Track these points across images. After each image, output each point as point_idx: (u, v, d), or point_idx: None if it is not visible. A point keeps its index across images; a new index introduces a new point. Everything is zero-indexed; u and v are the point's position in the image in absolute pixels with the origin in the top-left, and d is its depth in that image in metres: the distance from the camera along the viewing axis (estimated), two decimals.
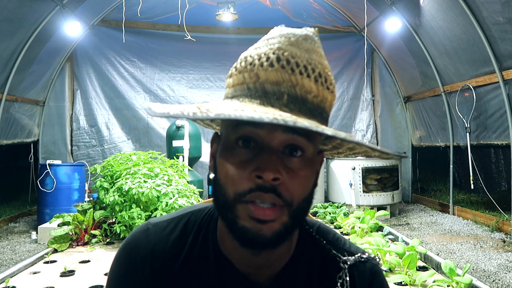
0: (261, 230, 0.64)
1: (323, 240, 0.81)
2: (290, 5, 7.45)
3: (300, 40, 0.67)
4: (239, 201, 0.64)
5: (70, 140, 7.79)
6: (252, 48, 0.70)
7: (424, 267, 4.18)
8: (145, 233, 0.80)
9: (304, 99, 0.65)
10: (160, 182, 4.90)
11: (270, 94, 0.64)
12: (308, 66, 0.66)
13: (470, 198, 7.44)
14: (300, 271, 0.77)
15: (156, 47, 8.10)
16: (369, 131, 8.40)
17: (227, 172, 0.66)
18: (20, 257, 4.58)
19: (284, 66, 0.64)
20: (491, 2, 4.75)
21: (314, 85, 0.66)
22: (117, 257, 0.83)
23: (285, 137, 0.64)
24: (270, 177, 0.62)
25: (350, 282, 0.77)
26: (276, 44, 0.66)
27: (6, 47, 5.65)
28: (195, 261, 0.77)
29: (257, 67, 0.65)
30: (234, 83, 0.68)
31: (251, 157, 0.64)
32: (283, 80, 0.64)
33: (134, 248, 0.80)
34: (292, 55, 0.65)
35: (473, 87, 5.78)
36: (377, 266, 0.82)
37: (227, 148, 0.67)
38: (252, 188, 0.63)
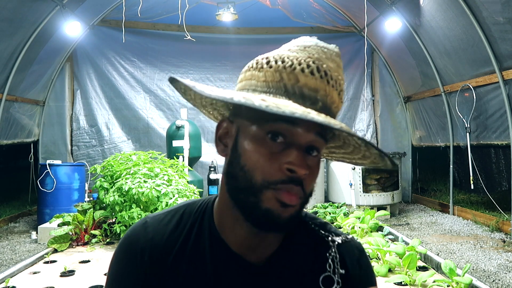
0: (284, 213, 0.71)
1: (312, 224, 0.88)
2: (290, 5, 7.45)
3: (333, 56, 0.75)
4: (267, 188, 0.71)
5: (70, 140, 7.79)
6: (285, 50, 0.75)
7: (424, 267, 4.18)
8: (144, 226, 0.85)
9: (330, 108, 0.73)
10: (160, 182, 4.90)
11: (307, 98, 0.71)
12: (337, 80, 0.74)
13: (470, 198, 7.44)
14: (292, 250, 0.84)
15: (156, 47, 8.10)
16: (369, 131, 8.40)
17: (258, 160, 0.71)
18: (20, 257, 4.58)
19: (323, 77, 0.72)
20: (491, 2, 4.75)
21: (337, 97, 0.75)
22: (117, 251, 0.87)
23: (313, 138, 0.72)
24: (303, 173, 0.70)
25: (340, 258, 0.84)
26: (315, 54, 0.73)
27: (6, 47, 5.65)
28: (191, 247, 0.82)
29: (298, 71, 0.71)
30: (267, 79, 0.73)
31: (280, 150, 0.71)
32: (320, 88, 0.72)
33: (134, 241, 0.84)
34: (329, 68, 0.73)
35: (473, 87, 5.78)
36: (362, 246, 0.90)
37: (255, 138, 0.72)
38: (284, 179, 0.70)
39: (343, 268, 0.84)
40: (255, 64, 0.75)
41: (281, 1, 7.27)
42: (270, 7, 7.23)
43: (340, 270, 0.83)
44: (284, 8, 7.42)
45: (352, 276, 0.84)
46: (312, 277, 0.82)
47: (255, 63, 0.76)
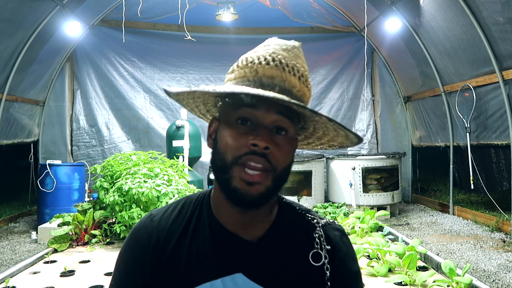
0: (249, 190, 0.81)
1: (298, 209, 1.00)
2: (290, 5, 7.45)
3: (290, 48, 0.87)
4: (235, 164, 0.82)
5: (70, 140, 7.79)
6: (251, 52, 0.88)
7: (424, 267, 4.18)
8: (149, 217, 0.96)
9: (290, 92, 0.83)
10: (160, 182, 4.90)
11: (266, 85, 0.82)
12: (294, 67, 0.84)
13: (470, 198, 7.45)
14: (283, 230, 0.94)
15: (156, 47, 8.10)
16: (369, 131, 8.40)
17: (227, 142, 0.83)
18: (20, 257, 4.58)
19: (278, 65, 0.83)
20: (491, 2, 4.75)
21: (298, 82, 0.84)
22: (127, 240, 0.96)
23: (276, 117, 0.82)
24: (263, 145, 0.80)
25: (325, 237, 0.95)
26: (272, 49, 0.86)
27: (6, 47, 5.65)
28: (192, 229, 0.92)
29: (256, 64, 0.83)
30: (236, 77, 0.85)
31: (248, 131, 0.82)
32: (276, 75, 0.83)
33: (142, 229, 0.94)
34: (284, 57, 0.84)
35: (473, 87, 5.78)
36: (342, 227, 1.02)
37: (228, 125, 0.85)
38: (247, 152, 0.81)
39: (328, 245, 0.95)
40: (230, 69, 0.89)
41: (281, 1, 7.27)
42: (270, 7, 7.23)
43: (326, 246, 0.94)
44: (284, 8, 7.42)
45: (337, 252, 0.95)
46: (302, 253, 0.93)
47: (230, 68, 0.89)
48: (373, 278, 3.87)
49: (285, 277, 0.90)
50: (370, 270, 3.98)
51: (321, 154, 7.25)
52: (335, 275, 0.93)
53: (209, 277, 0.88)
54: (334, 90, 8.40)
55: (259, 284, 0.88)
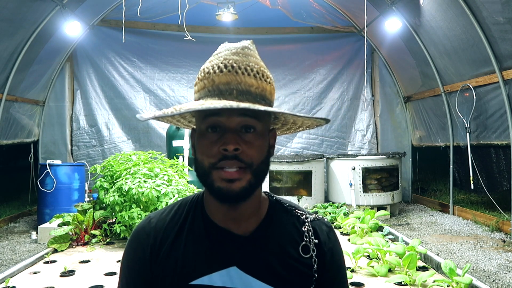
0: (231, 187, 0.88)
1: (288, 205, 1.06)
2: (290, 5, 7.45)
3: (240, 50, 0.92)
4: (213, 169, 0.88)
5: (70, 140, 7.79)
6: (207, 62, 0.94)
7: (424, 267, 4.18)
8: (148, 219, 1.03)
9: (248, 91, 0.88)
10: (160, 182, 4.90)
11: (224, 91, 0.87)
12: (247, 67, 0.89)
13: (470, 198, 7.45)
14: (273, 225, 1.00)
15: (156, 47, 8.10)
16: (369, 131, 8.40)
17: (203, 151, 0.90)
18: (20, 257, 4.58)
19: (230, 70, 0.88)
20: (491, 2, 4.75)
21: (254, 80, 0.89)
22: (128, 243, 1.02)
23: (240, 120, 0.88)
24: (232, 148, 0.87)
25: (313, 231, 1.02)
26: (223, 56, 0.91)
27: (6, 47, 5.65)
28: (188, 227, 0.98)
29: (212, 74, 0.89)
30: (199, 89, 0.92)
31: (218, 138, 0.88)
32: (231, 80, 0.88)
33: (141, 230, 1.01)
34: (235, 61, 0.89)
35: (473, 87, 5.78)
36: (330, 223, 1.09)
37: (201, 135, 0.92)
38: (220, 158, 0.87)
39: (316, 239, 1.01)
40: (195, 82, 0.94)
41: (281, 1, 7.27)
42: (270, 7, 7.23)
43: (314, 240, 1.01)
44: (284, 8, 7.42)
45: (323, 246, 1.02)
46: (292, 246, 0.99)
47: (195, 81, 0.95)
48: (373, 278, 3.86)
49: (277, 268, 0.95)
50: (370, 270, 3.98)
51: (321, 154, 7.25)
52: (322, 268, 1.00)
53: (205, 272, 0.93)
54: (334, 90, 8.40)
55: (253, 276, 0.94)
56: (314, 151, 8.21)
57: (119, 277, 1.02)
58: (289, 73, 8.31)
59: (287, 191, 6.88)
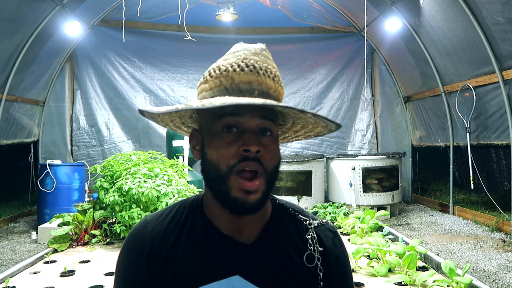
0: (248, 199, 0.84)
1: (292, 210, 1.02)
2: (290, 5, 7.44)
3: (259, 51, 0.89)
4: (231, 172, 0.83)
5: (70, 140, 7.79)
6: (221, 60, 0.89)
7: (424, 267, 4.18)
8: (143, 223, 0.97)
9: (268, 93, 0.86)
10: (160, 182, 4.90)
11: (244, 91, 0.84)
12: (267, 69, 0.87)
13: (470, 198, 7.44)
14: (276, 231, 0.96)
15: (156, 47, 8.10)
16: (369, 131, 8.40)
17: (218, 151, 0.85)
18: (20, 257, 4.58)
19: (252, 70, 0.85)
20: (491, 2, 4.75)
21: (273, 83, 0.87)
22: (122, 249, 0.97)
23: (260, 121, 0.85)
24: (255, 149, 0.83)
25: (317, 238, 0.98)
26: (242, 55, 0.87)
27: (6, 47, 5.65)
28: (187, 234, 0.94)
29: (231, 72, 0.85)
30: (212, 87, 0.87)
31: (236, 138, 0.84)
32: (253, 80, 0.85)
33: (136, 235, 0.96)
34: (256, 61, 0.86)
35: (473, 87, 5.78)
36: (335, 228, 1.04)
37: (214, 135, 0.86)
38: (241, 159, 0.83)
39: (321, 246, 0.97)
40: (202, 79, 0.90)
41: (281, 1, 7.27)
42: (270, 7, 7.23)
43: (319, 247, 0.96)
44: (284, 8, 7.42)
45: (329, 253, 0.98)
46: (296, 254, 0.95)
47: (202, 78, 0.90)
48: (373, 278, 3.86)
49: (281, 277, 0.92)
50: (370, 270, 3.98)
51: (321, 154, 7.25)
52: (327, 276, 0.96)
53: (206, 280, 0.89)
54: (334, 90, 8.40)
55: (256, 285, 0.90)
56: (314, 151, 8.21)
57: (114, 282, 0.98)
58: (289, 73, 8.30)
59: (287, 191, 6.88)
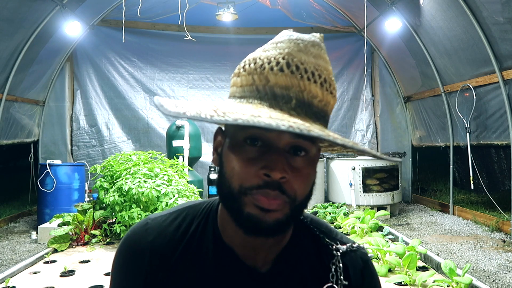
0: (265, 217, 0.69)
1: (317, 230, 0.86)
2: (290, 5, 7.44)
3: (309, 46, 0.70)
4: (244, 194, 0.69)
5: (70, 140, 7.79)
6: (260, 50, 0.72)
7: (424, 267, 4.18)
8: (144, 227, 0.83)
9: (310, 104, 0.68)
10: (160, 182, 4.90)
11: (279, 97, 0.67)
12: (315, 72, 0.69)
13: (470, 198, 7.44)
14: (295, 257, 0.81)
15: (156, 47, 8.10)
16: (369, 131, 8.40)
17: (234, 167, 0.70)
18: (20, 257, 4.58)
19: (294, 72, 0.67)
20: (491, 2, 4.75)
21: (319, 90, 0.69)
22: (118, 253, 0.86)
23: (292, 140, 0.69)
24: (278, 176, 0.67)
25: (343, 268, 0.82)
26: (286, 49, 0.69)
27: (6, 47, 5.65)
28: (194, 250, 0.80)
29: (267, 70, 0.68)
30: (243, 84, 0.71)
31: (258, 155, 0.69)
32: (292, 85, 0.67)
33: (134, 242, 0.82)
34: (301, 61, 0.68)
35: (473, 87, 5.78)
36: (367, 255, 0.87)
37: (235, 145, 0.71)
38: (260, 184, 0.68)
39: (346, 279, 0.82)
40: (236, 69, 0.74)
41: (281, 1, 7.26)
42: (270, 7, 7.23)
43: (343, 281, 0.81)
44: (284, 8, 7.42)
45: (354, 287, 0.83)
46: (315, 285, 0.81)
47: (237, 68, 0.74)
48: None
49: None
50: None
51: (321, 154, 7.24)
52: None
53: None
54: None
55: None
56: None
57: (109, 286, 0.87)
58: None
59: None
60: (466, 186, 6.44)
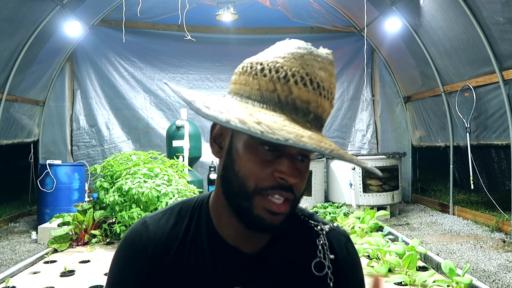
0: (274, 220, 0.77)
1: (301, 215, 0.95)
2: (290, 5, 7.44)
3: (327, 64, 0.78)
4: (258, 193, 0.76)
5: (70, 140, 7.79)
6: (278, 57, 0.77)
7: (424, 267, 4.18)
8: (144, 225, 0.89)
9: (321, 117, 0.78)
10: (160, 182, 4.90)
11: (299, 110, 0.75)
12: (329, 90, 0.78)
13: (470, 198, 7.44)
14: (284, 240, 0.90)
15: (156, 47, 8.10)
16: (369, 131, 8.40)
17: (251, 167, 0.77)
18: (20, 257, 4.58)
19: (315, 89, 0.75)
20: (491, 2, 4.75)
21: (329, 106, 0.79)
22: (119, 250, 0.90)
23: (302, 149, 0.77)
24: (293, 181, 0.76)
25: (328, 245, 0.91)
26: (309, 66, 0.76)
27: (6, 47, 5.65)
28: (190, 241, 0.87)
29: (292, 83, 0.74)
30: (262, 88, 0.76)
31: (273, 158, 0.76)
32: (312, 100, 0.75)
33: (136, 238, 0.88)
34: (321, 79, 0.76)
35: (473, 87, 5.78)
36: (347, 233, 0.98)
37: (251, 147, 0.77)
38: (274, 185, 0.76)
39: (332, 253, 0.91)
40: (249, 69, 0.78)
41: (281, 1, 7.26)
42: (270, 7, 7.23)
43: (329, 255, 0.90)
44: (284, 9, 7.42)
45: (341, 260, 0.92)
46: (304, 263, 0.89)
47: (249, 67, 0.78)
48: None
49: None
50: (370, 270, 3.98)
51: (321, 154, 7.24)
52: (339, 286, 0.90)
53: None
54: None
55: None
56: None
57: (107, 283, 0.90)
58: None
59: None
60: (466, 186, 6.44)
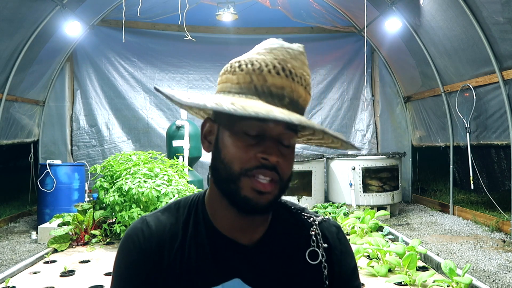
0: (260, 200, 0.82)
1: (294, 208, 1.01)
2: (290, 5, 7.44)
3: (298, 54, 0.85)
4: (244, 175, 0.81)
5: (70, 140, 7.79)
6: (253, 53, 0.85)
7: (424, 267, 4.18)
8: (144, 222, 0.92)
9: (297, 102, 0.83)
10: (160, 182, 4.90)
11: (275, 95, 0.81)
12: (302, 76, 0.84)
13: (470, 198, 7.44)
14: (279, 231, 0.94)
15: (156, 47, 8.10)
16: (369, 131, 8.40)
17: (235, 152, 0.82)
18: (20, 257, 4.58)
19: (288, 75, 0.81)
20: (491, 2, 4.75)
21: (303, 91, 0.84)
22: (121, 249, 0.92)
23: (283, 131, 0.83)
24: (275, 160, 0.81)
25: (321, 234, 0.96)
26: (281, 55, 0.83)
27: (6, 47, 5.65)
28: (191, 236, 0.91)
29: (265, 72, 0.81)
30: (240, 81, 0.83)
31: (256, 142, 0.82)
32: (286, 86, 0.81)
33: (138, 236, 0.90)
34: (293, 67, 0.83)
35: (473, 87, 5.78)
36: (338, 224, 1.03)
37: (233, 135, 0.83)
38: (258, 165, 0.81)
39: (325, 243, 0.95)
40: (229, 67, 0.86)
41: (281, 1, 7.26)
42: (270, 7, 7.23)
43: (323, 244, 0.95)
44: (284, 9, 7.42)
45: (333, 249, 0.96)
46: (299, 253, 0.93)
47: (229, 66, 0.86)
48: (373, 278, 3.86)
49: (283, 278, 0.90)
50: (370, 270, 3.98)
51: (321, 154, 7.25)
52: (332, 273, 0.94)
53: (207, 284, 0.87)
54: (334, 90, 8.40)
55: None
56: (314, 151, 8.20)
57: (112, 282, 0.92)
58: None
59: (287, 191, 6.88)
60: (466, 186, 6.44)
